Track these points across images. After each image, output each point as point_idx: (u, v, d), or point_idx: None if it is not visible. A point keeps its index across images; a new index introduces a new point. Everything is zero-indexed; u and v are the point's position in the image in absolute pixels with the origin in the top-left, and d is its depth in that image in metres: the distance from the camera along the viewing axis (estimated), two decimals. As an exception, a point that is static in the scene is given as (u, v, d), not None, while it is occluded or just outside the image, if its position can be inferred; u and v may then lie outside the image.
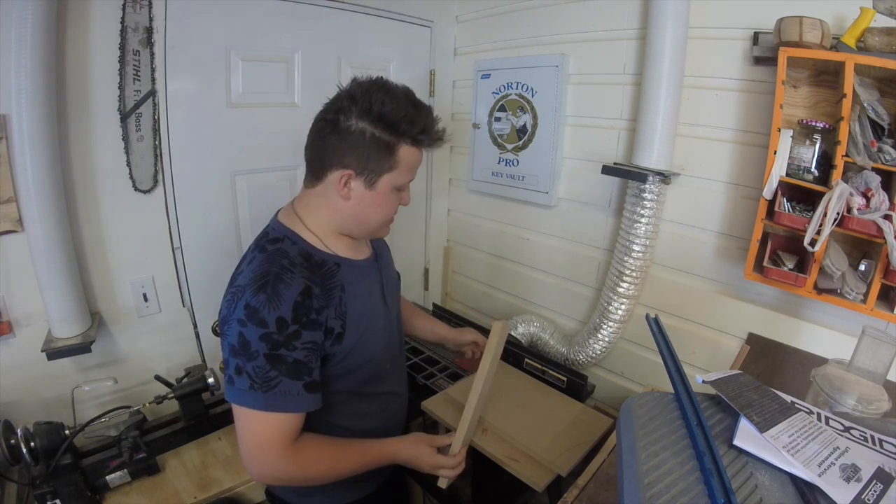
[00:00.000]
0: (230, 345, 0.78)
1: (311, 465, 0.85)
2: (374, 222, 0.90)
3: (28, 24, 1.05)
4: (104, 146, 1.29)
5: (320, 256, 0.87)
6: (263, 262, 0.81)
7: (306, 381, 0.81)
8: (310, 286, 0.80)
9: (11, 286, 1.22)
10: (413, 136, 0.82)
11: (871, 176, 1.06)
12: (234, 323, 0.77)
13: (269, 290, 0.77)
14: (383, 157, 0.82)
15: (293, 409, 0.80)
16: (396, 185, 0.86)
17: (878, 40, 1.04)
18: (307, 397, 0.81)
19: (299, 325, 0.78)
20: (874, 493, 0.45)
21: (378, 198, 0.85)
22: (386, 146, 0.81)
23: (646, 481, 0.44)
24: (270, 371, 0.77)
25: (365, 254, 0.99)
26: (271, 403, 0.78)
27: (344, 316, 0.86)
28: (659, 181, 1.39)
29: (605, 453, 1.01)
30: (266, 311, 0.75)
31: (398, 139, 0.81)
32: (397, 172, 0.84)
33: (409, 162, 0.85)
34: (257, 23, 1.49)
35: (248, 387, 0.77)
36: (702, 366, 1.45)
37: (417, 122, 0.81)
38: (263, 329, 0.75)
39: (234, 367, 0.78)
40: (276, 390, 0.77)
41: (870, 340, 0.78)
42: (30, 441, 1.06)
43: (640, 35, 1.45)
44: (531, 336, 1.81)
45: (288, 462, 0.82)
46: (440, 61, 2.03)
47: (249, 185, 1.59)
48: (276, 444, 0.81)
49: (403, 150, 0.82)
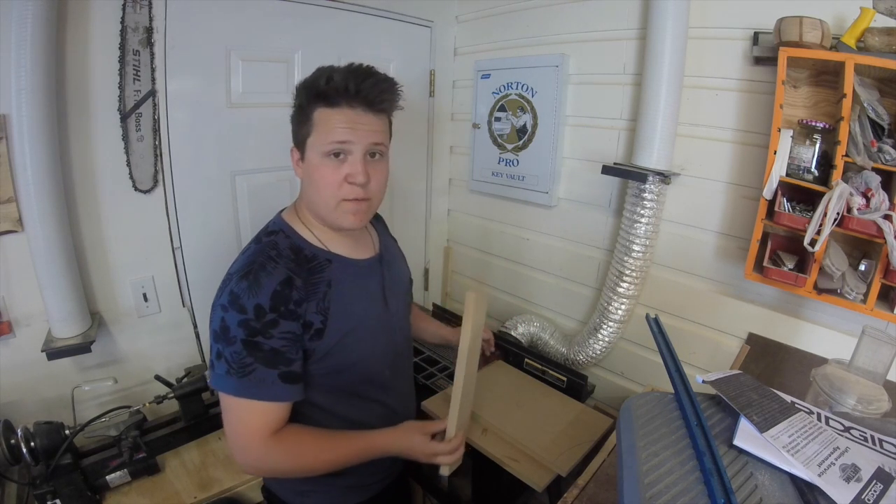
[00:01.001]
0: (213, 330, 0.80)
1: (295, 455, 0.85)
2: (317, 197, 0.85)
3: (28, 24, 1.05)
4: (104, 146, 1.30)
5: (312, 251, 0.87)
6: (254, 253, 0.83)
7: (282, 370, 0.80)
8: (291, 277, 0.81)
9: (11, 286, 1.22)
10: (318, 93, 0.80)
11: (871, 176, 1.06)
12: (218, 308, 0.79)
13: (252, 277, 0.78)
14: (303, 124, 0.84)
15: (267, 398, 0.80)
16: (320, 149, 0.82)
17: (878, 40, 1.04)
18: (282, 387, 0.81)
19: (277, 314, 0.78)
20: (874, 493, 0.45)
21: (309, 168, 0.84)
22: (302, 111, 0.83)
23: (646, 481, 0.44)
24: (247, 357, 0.77)
25: (367, 253, 0.98)
26: (245, 390, 0.79)
27: (326, 312, 0.85)
28: (659, 181, 1.39)
29: (605, 453, 1.01)
30: (246, 298, 0.77)
31: (309, 102, 0.82)
32: (315, 135, 0.82)
33: (326, 121, 0.81)
34: (257, 23, 1.49)
35: (226, 371, 0.78)
36: (702, 366, 1.45)
37: (318, 80, 0.80)
38: (242, 315, 0.77)
39: (215, 352, 0.79)
40: (250, 377, 0.78)
41: (870, 340, 0.78)
42: (30, 441, 1.06)
43: (640, 35, 1.45)
44: (531, 336, 1.81)
45: (269, 451, 0.82)
46: (440, 61, 2.03)
47: (249, 185, 1.59)
48: (256, 432, 0.81)
49: (317, 113, 0.81)
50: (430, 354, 1.80)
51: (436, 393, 1.48)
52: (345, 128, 0.80)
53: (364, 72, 0.81)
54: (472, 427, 1.31)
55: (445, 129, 2.16)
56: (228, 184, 1.56)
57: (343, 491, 0.99)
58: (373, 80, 0.81)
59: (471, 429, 1.31)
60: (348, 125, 0.81)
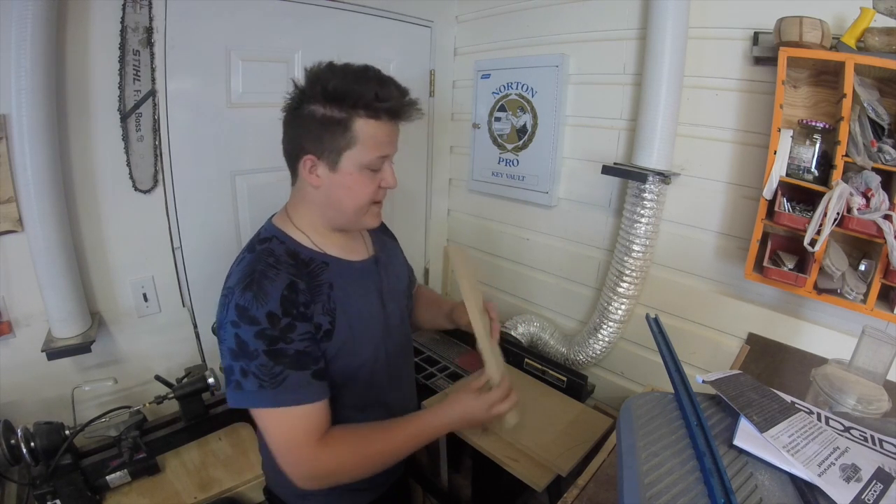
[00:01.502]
0: (229, 349, 0.77)
1: (347, 454, 0.81)
2: (349, 206, 0.86)
3: (28, 23, 1.05)
4: (104, 146, 1.29)
5: (307, 255, 0.86)
6: (250, 262, 0.81)
7: (314, 369, 0.79)
8: (295, 281, 0.80)
9: (11, 286, 1.22)
10: (364, 106, 0.78)
11: (871, 176, 1.06)
12: (228, 326, 0.76)
13: (255, 287, 0.77)
14: (338, 135, 0.80)
15: (308, 400, 0.78)
16: (362, 162, 0.81)
17: (878, 40, 1.04)
18: (320, 385, 0.80)
19: (291, 318, 0.77)
20: (874, 493, 0.45)
21: (344, 178, 0.82)
22: (339, 122, 0.79)
23: (646, 481, 0.44)
24: (275, 367, 0.76)
25: (362, 255, 0.97)
26: (284, 398, 0.76)
27: (333, 312, 0.84)
28: (659, 181, 1.39)
29: (605, 453, 1.01)
30: (255, 309, 0.75)
31: (349, 113, 0.78)
32: (358, 149, 0.80)
33: (371, 135, 0.80)
34: (257, 23, 1.49)
35: (258, 387, 0.75)
36: (702, 366, 1.45)
37: (366, 93, 0.78)
38: (256, 326, 0.75)
39: (240, 371, 0.76)
40: (285, 384, 0.76)
41: (870, 340, 0.78)
42: (30, 441, 1.06)
43: (640, 35, 1.45)
44: (531, 336, 1.81)
45: (322, 455, 0.79)
46: (440, 61, 2.03)
47: (249, 185, 1.59)
48: (304, 439, 0.78)
49: (360, 124, 0.79)
50: (430, 354, 1.80)
51: (436, 393, 1.48)
52: (388, 141, 0.83)
53: (398, 86, 0.82)
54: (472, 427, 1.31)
55: (445, 129, 2.16)
56: (228, 184, 1.56)
57: (343, 494, 0.98)
58: (411, 101, 0.83)
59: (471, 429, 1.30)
60: (389, 138, 0.83)
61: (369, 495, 1.03)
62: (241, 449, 1.37)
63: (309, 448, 0.79)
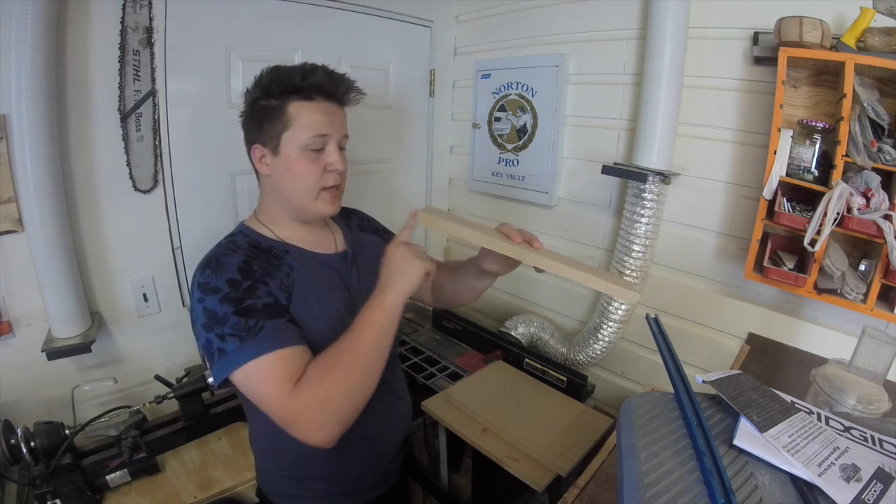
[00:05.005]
0: (202, 324, 0.76)
1: (327, 372, 0.74)
2: (295, 189, 0.87)
3: (28, 23, 1.05)
4: (104, 146, 1.29)
5: (268, 244, 0.89)
6: (211, 250, 0.86)
7: (287, 317, 0.80)
8: (250, 259, 0.83)
9: (11, 286, 1.22)
10: (295, 90, 0.84)
11: (871, 176, 1.06)
12: (195, 304, 0.79)
13: (213, 263, 0.80)
14: (276, 119, 0.84)
15: (289, 343, 0.76)
16: (300, 142, 0.84)
17: (878, 40, 1.04)
18: (296, 330, 0.79)
19: (252, 280, 0.79)
20: (874, 493, 0.45)
21: (287, 161, 0.85)
22: (275, 108, 0.85)
23: (646, 481, 0.44)
24: (248, 321, 0.75)
25: (329, 249, 0.95)
26: (266, 344, 0.74)
27: (290, 289, 0.84)
28: (659, 181, 1.39)
29: (605, 453, 1.01)
30: (215, 279, 0.78)
31: (283, 98, 0.84)
32: (294, 129, 0.84)
33: (306, 115, 0.84)
34: (257, 23, 1.49)
35: (240, 342, 0.74)
36: (702, 366, 1.45)
37: (294, 77, 0.83)
38: (219, 294, 0.77)
39: (217, 338, 0.75)
40: (264, 332, 0.75)
41: (870, 340, 0.78)
42: (30, 441, 1.06)
43: (640, 35, 1.45)
44: (531, 336, 1.81)
45: (301, 393, 0.73)
46: (440, 61, 2.03)
47: (249, 185, 1.58)
48: (286, 383, 0.73)
49: (293, 107, 0.84)
50: (430, 354, 1.80)
51: (436, 393, 1.48)
52: (325, 121, 0.85)
53: (329, 70, 0.87)
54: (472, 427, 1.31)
55: (445, 129, 2.15)
56: (228, 184, 1.56)
57: (332, 499, 0.96)
58: (340, 78, 0.87)
59: (471, 429, 1.30)
60: (326, 118, 0.86)
61: (368, 496, 1.02)
62: (240, 449, 1.37)
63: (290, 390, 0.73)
